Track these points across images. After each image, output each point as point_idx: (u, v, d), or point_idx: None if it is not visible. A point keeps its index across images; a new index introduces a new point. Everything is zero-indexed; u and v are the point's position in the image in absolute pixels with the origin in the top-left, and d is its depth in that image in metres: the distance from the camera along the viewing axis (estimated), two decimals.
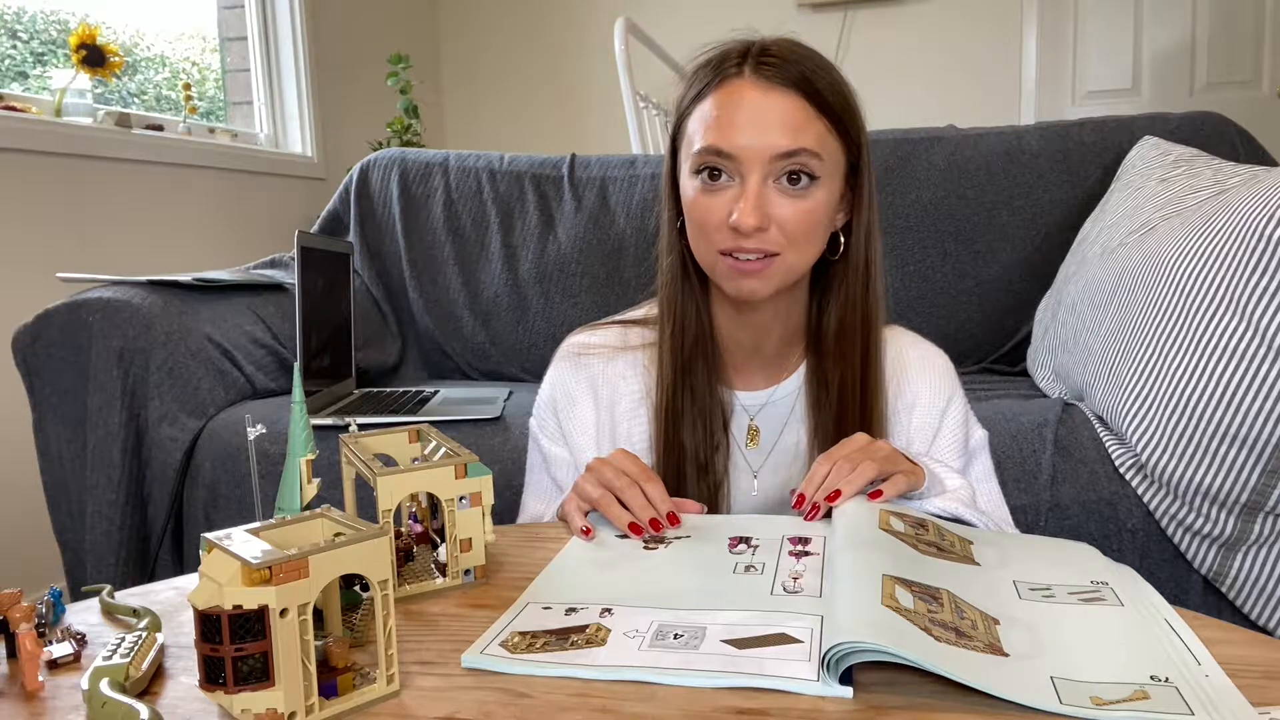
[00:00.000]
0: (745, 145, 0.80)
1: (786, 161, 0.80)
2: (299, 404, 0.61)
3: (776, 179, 0.81)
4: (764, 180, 0.81)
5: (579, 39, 3.47)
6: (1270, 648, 0.52)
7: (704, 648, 0.52)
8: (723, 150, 0.81)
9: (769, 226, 0.81)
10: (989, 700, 0.47)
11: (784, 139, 0.80)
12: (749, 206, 0.79)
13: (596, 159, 1.92)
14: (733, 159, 0.81)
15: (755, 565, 0.65)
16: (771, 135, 0.80)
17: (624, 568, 0.66)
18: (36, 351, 1.42)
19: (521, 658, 0.52)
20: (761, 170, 0.80)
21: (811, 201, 0.82)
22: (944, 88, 3.12)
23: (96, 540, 1.39)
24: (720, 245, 0.82)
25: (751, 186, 0.80)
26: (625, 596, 0.61)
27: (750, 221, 0.79)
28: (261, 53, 2.78)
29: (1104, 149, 1.66)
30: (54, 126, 2.00)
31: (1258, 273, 0.99)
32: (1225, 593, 1.07)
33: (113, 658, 0.51)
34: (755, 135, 0.80)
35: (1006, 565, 0.64)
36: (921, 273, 1.73)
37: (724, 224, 0.81)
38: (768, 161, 0.80)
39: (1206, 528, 1.04)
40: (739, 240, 0.81)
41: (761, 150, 0.80)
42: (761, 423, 0.93)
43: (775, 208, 0.81)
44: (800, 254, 0.84)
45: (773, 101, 0.81)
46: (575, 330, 1.01)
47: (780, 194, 0.81)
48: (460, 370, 1.95)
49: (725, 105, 0.82)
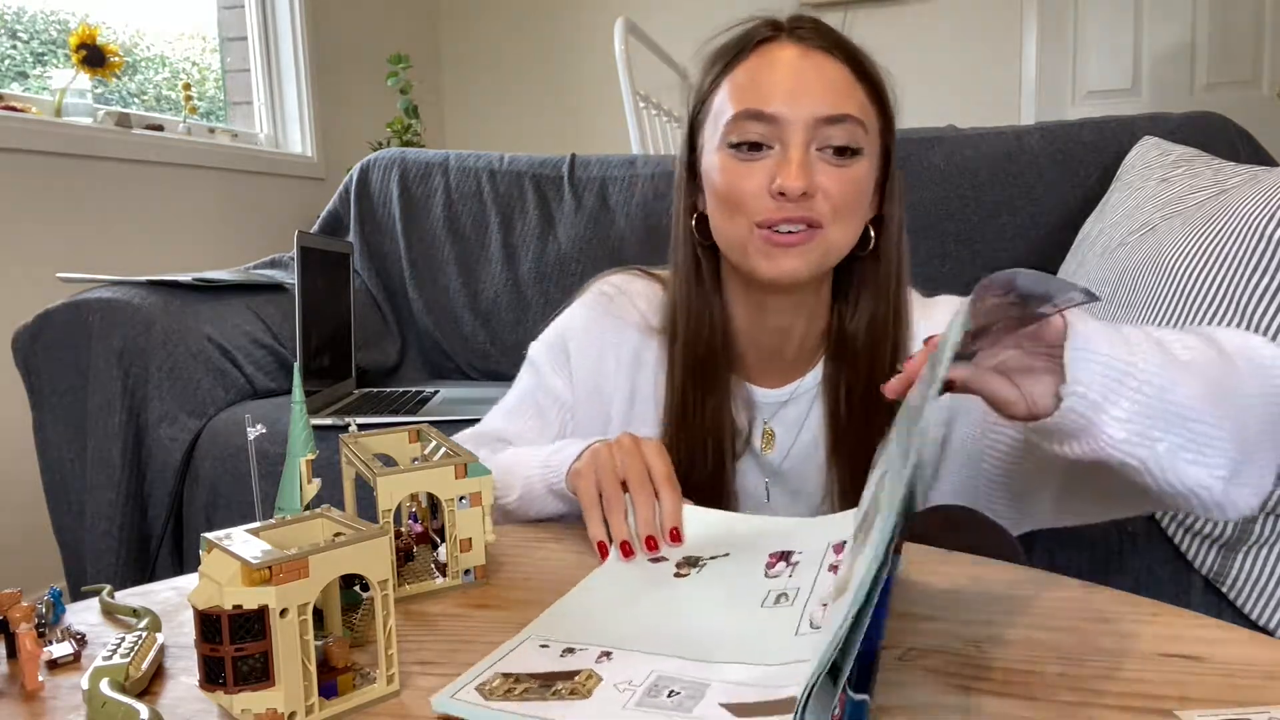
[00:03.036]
0: (787, 108, 0.74)
1: (831, 128, 0.74)
2: (299, 404, 0.61)
3: (821, 147, 0.75)
4: (807, 146, 0.74)
5: (579, 39, 3.47)
6: (1270, 648, 0.52)
7: (698, 710, 0.46)
8: (763, 113, 0.74)
9: (815, 193, 0.74)
10: (990, 697, 0.46)
11: (829, 102, 0.74)
12: (795, 169, 0.73)
13: (596, 159, 1.92)
14: (775, 122, 0.74)
15: (788, 593, 0.58)
16: (815, 97, 0.74)
17: (646, 598, 0.61)
18: (36, 351, 1.42)
19: (494, 705, 0.47)
20: (805, 134, 0.74)
21: (856, 172, 0.75)
22: (944, 88, 3.12)
23: (96, 540, 1.39)
24: (758, 216, 0.75)
25: (795, 150, 0.74)
26: (633, 637, 0.55)
27: (798, 184, 0.72)
28: (261, 53, 2.78)
29: (1104, 149, 1.66)
30: (54, 126, 2.00)
31: (1258, 273, 0.99)
32: (1225, 593, 1.07)
33: (113, 658, 0.51)
34: (798, 97, 0.74)
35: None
36: (921, 273, 1.72)
37: (762, 193, 0.74)
38: (812, 126, 0.74)
39: (1206, 528, 1.04)
40: (782, 208, 0.74)
41: (806, 113, 0.73)
42: (777, 425, 0.87)
43: (820, 175, 0.74)
44: (843, 230, 0.77)
45: (815, 63, 0.75)
46: (612, 270, 0.94)
47: (824, 163, 0.74)
48: (460, 370, 1.95)
49: (761, 68, 0.76)
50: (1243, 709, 0.45)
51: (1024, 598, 0.60)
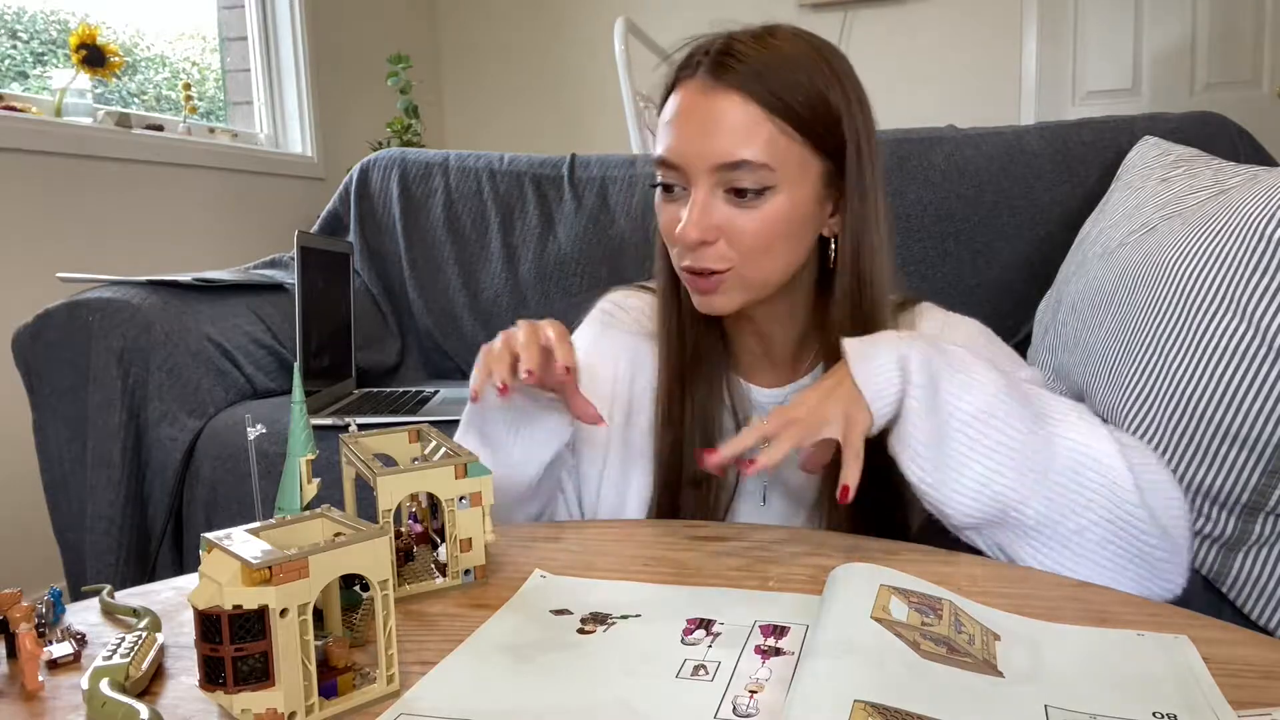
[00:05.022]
0: (687, 155, 0.75)
1: (730, 174, 0.74)
2: (299, 404, 0.61)
3: (726, 190, 0.75)
4: (711, 190, 0.75)
5: (579, 39, 3.47)
6: (1270, 648, 0.52)
7: None
8: (667, 160, 0.76)
9: (716, 239, 0.76)
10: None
11: (724, 148, 0.74)
12: (690, 221, 0.75)
13: (596, 159, 1.92)
14: (677, 169, 0.76)
15: (707, 666, 0.51)
16: (711, 143, 0.74)
17: (540, 661, 0.53)
18: (36, 351, 1.42)
19: None
20: (706, 180, 0.75)
21: (764, 212, 0.75)
22: (944, 88, 3.12)
23: (96, 540, 1.39)
24: (678, 261, 0.78)
25: (696, 199, 0.75)
26: (522, 710, 0.47)
27: (692, 235, 0.74)
28: (261, 53, 2.78)
29: (1104, 149, 1.66)
30: (54, 126, 2.00)
31: (1258, 273, 0.99)
32: (1225, 593, 1.07)
33: (113, 658, 0.51)
34: (697, 145, 0.74)
35: (1038, 677, 0.49)
36: (921, 273, 1.73)
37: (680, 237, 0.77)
38: (709, 172, 0.75)
39: (1206, 528, 1.04)
40: (684, 257, 0.77)
41: (701, 159, 0.74)
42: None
43: (727, 219, 0.75)
44: (760, 267, 0.77)
45: (717, 106, 0.74)
46: (617, 288, 0.97)
47: (730, 205, 0.76)
48: (460, 370, 1.95)
49: (675, 112, 0.77)
50: (1243, 709, 0.45)
51: (1024, 597, 0.60)
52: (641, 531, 0.78)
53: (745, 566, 0.67)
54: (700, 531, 0.77)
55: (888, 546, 0.70)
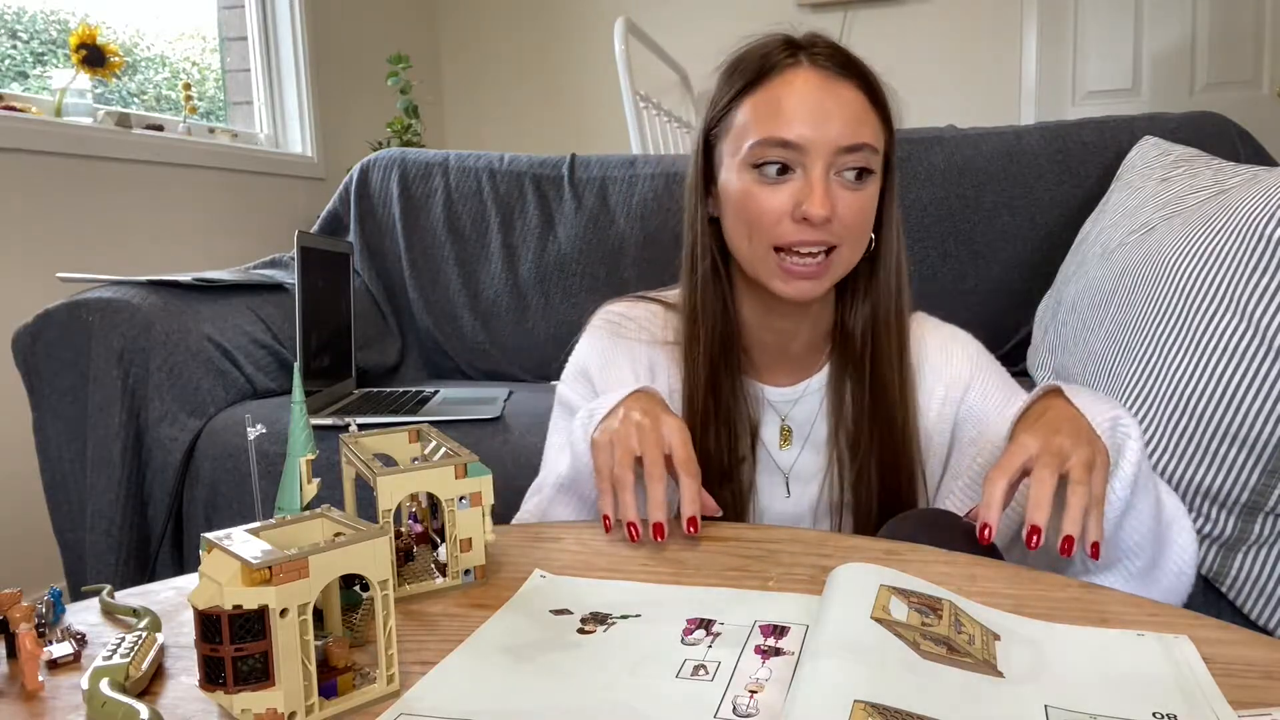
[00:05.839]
0: (811, 136, 0.78)
1: (850, 156, 0.79)
2: (299, 404, 0.61)
3: (839, 172, 0.79)
4: (827, 172, 0.79)
5: (579, 39, 3.47)
6: (1270, 648, 0.52)
7: None
8: (788, 141, 0.78)
9: (833, 218, 0.79)
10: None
11: (849, 132, 0.78)
12: (819, 196, 0.77)
13: (596, 159, 1.92)
14: (797, 149, 0.79)
15: (707, 666, 0.51)
16: (837, 127, 0.78)
17: (540, 661, 0.53)
18: (36, 351, 1.42)
19: None
20: (826, 161, 0.78)
21: (867, 195, 0.81)
22: (944, 88, 3.12)
23: (96, 540, 1.39)
24: (779, 239, 0.80)
25: (818, 177, 0.78)
26: (522, 710, 0.47)
27: (823, 211, 0.77)
28: (261, 53, 2.78)
29: (1104, 149, 1.66)
30: (54, 126, 2.00)
31: (1258, 273, 0.99)
32: (1225, 593, 1.07)
33: (113, 658, 0.51)
34: (821, 126, 0.78)
35: (1038, 677, 0.49)
36: (921, 273, 1.73)
37: (784, 218, 0.79)
38: (833, 154, 0.78)
39: (1206, 528, 1.04)
40: (804, 233, 0.79)
41: (828, 141, 0.78)
42: (791, 422, 0.91)
43: (837, 200, 0.79)
44: (854, 249, 0.82)
45: (836, 92, 0.79)
46: (612, 300, 0.98)
47: (840, 187, 0.80)
48: (460, 370, 1.96)
49: (786, 95, 0.80)
50: (1243, 709, 0.45)
51: (1024, 597, 0.60)
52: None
53: (745, 566, 0.67)
54: (701, 531, 0.76)
55: (888, 546, 0.70)
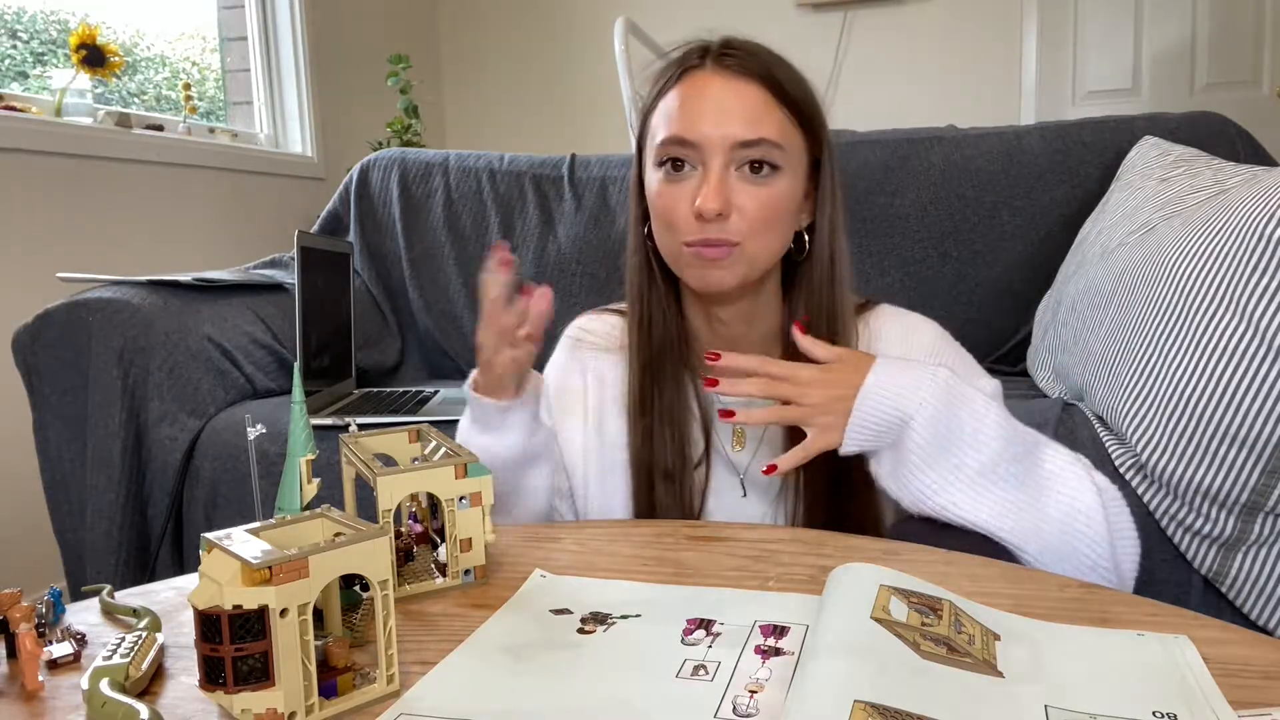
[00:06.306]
0: (707, 133, 0.80)
1: (748, 150, 0.80)
2: (299, 404, 0.61)
3: (739, 167, 0.81)
4: (726, 168, 0.81)
5: (579, 39, 3.47)
6: (1270, 648, 0.52)
7: None
8: (685, 139, 0.81)
9: (730, 213, 0.80)
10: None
11: (745, 127, 0.80)
12: (711, 191, 0.79)
13: (596, 159, 1.92)
14: (695, 147, 0.81)
15: (707, 666, 0.51)
16: (733, 123, 0.80)
17: (540, 661, 0.53)
18: (36, 351, 1.42)
19: None
20: (723, 158, 0.80)
21: (773, 190, 0.82)
22: (944, 88, 3.12)
23: (96, 540, 1.39)
24: (685, 236, 0.82)
25: (714, 173, 0.80)
26: (522, 710, 0.48)
27: (713, 205, 0.79)
28: (261, 53, 2.77)
29: (1104, 149, 1.66)
30: (54, 126, 2.00)
31: (1258, 273, 0.99)
32: (1225, 593, 1.07)
33: (113, 658, 0.51)
34: (716, 123, 0.80)
35: (1038, 677, 0.49)
36: (921, 273, 1.73)
37: (689, 214, 0.81)
38: (729, 149, 0.80)
39: (1206, 528, 1.04)
40: (703, 230, 0.81)
41: (723, 138, 0.80)
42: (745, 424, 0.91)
43: (737, 195, 0.81)
44: (763, 243, 0.83)
45: (734, 90, 0.81)
46: (584, 313, 1.02)
47: (742, 182, 0.81)
48: (460, 370, 1.95)
49: (687, 96, 0.82)
50: (1243, 709, 0.45)
51: (1023, 597, 0.60)
52: (641, 531, 0.78)
53: (745, 566, 0.67)
54: (700, 531, 0.77)
55: (888, 546, 0.70)
